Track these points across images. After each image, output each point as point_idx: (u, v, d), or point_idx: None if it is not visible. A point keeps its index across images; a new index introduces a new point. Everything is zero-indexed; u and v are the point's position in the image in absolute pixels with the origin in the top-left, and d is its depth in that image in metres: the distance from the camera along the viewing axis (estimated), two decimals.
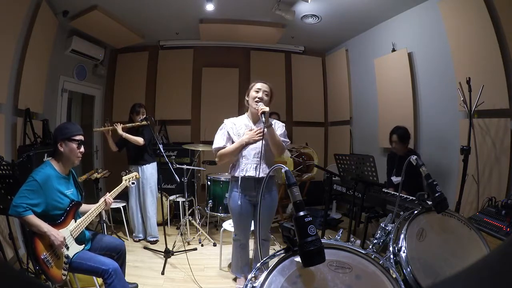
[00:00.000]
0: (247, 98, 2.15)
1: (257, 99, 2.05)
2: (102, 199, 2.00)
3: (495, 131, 2.53)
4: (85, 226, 1.89)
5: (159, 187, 3.36)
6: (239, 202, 2.10)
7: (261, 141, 2.01)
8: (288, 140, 2.15)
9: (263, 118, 1.91)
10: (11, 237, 2.23)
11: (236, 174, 2.10)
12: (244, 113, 2.23)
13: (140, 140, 3.19)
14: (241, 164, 2.07)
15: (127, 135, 3.15)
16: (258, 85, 2.11)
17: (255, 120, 2.15)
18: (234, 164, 2.15)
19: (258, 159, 2.03)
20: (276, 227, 3.78)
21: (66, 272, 1.72)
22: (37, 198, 1.68)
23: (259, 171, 2.02)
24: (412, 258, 1.14)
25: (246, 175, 2.05)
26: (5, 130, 2.75)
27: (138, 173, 3.22)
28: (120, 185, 2.18)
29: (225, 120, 2.19)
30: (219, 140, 2.13)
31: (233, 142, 2.11)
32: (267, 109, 1.94)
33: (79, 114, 4.84)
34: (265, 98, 2.08)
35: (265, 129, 1.93)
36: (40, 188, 1.69)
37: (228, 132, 2.13)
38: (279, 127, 2.15)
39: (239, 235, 2.26)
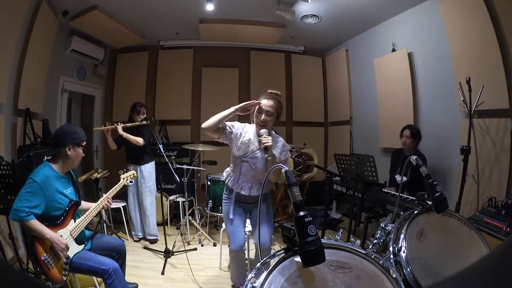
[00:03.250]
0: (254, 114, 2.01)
1: (259, 122, 1.95)
2: (100, 200, 1.99)
3: (495, 131, 2.52)
4: (84, 226, 1.89)
5: (159, 187, 3.36)
6: (230, 210, 2.08)
7: (258, 163, 1.98)
8: (286, 168, 2.05)
9: (266, 154, 1.84)
10: (11, 237, 2.23)
11: (231, 186, 2.09)
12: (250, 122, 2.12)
13: (140, 140, 3.19)
14: (238, 179, 2.04)
15: (127, 135, 3.15)
16: (263, 103, 1.95)
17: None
18: (231, 175, 2.12)
19: (254, 179, 2.02)
20: (276, 227, 3.78)
21: (66, 273, 1.72)
22: (37, 199, 1.68)
23: (253, 191, 2.03)
24: (412, 258, 1.14)
25: (241, 193, 2.04)
26: (5, 130, 2.75)
27: (137, 173, 3.23)
28: (118, 183, 2.18)
29: (237, 123, 2.08)
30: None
31: (230, 138, 2.02)
32: (269, 143, 1.82)
33: (79, 114, 4.84)
34: (268, 119, 1.94)
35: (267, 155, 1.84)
36: (40, 189, 1.69)
37: (233, 126, 2.02)
38: (283, 151, 2.04)
39: (232, 243, 2.15)
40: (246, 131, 2.03)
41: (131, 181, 2.32)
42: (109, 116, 4.79)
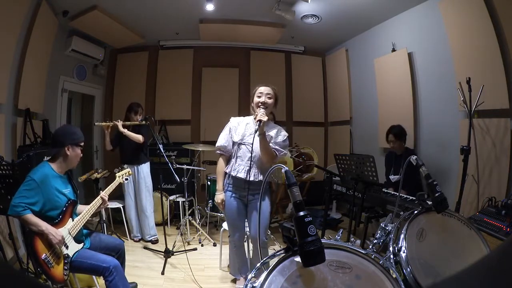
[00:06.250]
0: (252, 104, 2.10)
1: (260, 104, 2.00)
2: (96, 199, 2.00)
3: (495, 131, 2.52)
4: (82, 224, 1.90)
5: (159, 186, 3.36)
6: (230, 200, 2.11)
7: (256, 146, 1.99)
8: (284, 151, 2.07)
9: (257, 127, 1.86)
10: (11, 237, 2.23)
11: (228, 171, 2.12)
12: (250, 115, 2.20)
13: (140, 138, 3.18)
14: (235, 163, 2.09)
15: (127, 132, 3.14)
16: (261, 89, 2.06)
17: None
18: (229, 161, 2.16)
19: (250, 162, 2.02)
20: (276, 227, 3.78)
21: (67, 272, 1.72)
22: (35, 196, 1.70)
23: (250, 174, 2.02)
24: (412, 258, 1.14)
25: (237, 175, 2.05)
26: (5, 130, 2.75)
27: (134, 173, 3.23)
28: (114, 182, 2.18)
29: (232, 118, 2.20)
30: (220, 138, 2.16)
31: (232, 141, 2.11)
32: (265, 118, 1.86)
33: (79, 114, 4.84)
34: (269, 101, 2.02)
35: (258, 134, 1.89)
36: (37, 187, 1.71)
37: (230, 129, 2.14)
38: (279, 135, 2.08)
39: (232, 234, 2.24)
40: (242, 121, 2.15)
41: (126, 179, 2.33)
42: (109, 116, 4.79)
